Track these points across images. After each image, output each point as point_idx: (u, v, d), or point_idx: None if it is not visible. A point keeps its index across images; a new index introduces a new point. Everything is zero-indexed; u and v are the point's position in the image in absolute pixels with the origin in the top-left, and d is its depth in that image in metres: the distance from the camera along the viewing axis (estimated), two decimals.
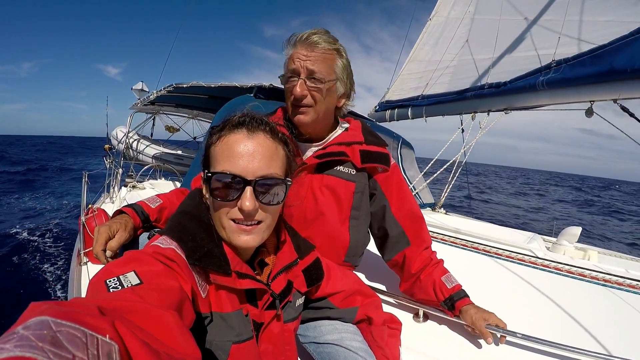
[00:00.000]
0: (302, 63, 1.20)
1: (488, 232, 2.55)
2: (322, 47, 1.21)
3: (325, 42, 1.21)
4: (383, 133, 3.22)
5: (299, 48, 1.21)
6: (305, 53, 1.20)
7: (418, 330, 1.38)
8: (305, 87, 1.21)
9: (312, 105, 1.24)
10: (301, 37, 1.21)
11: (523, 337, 1.25)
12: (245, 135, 0.84)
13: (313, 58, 1.20)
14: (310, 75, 1.20)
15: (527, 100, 3.20)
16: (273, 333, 0.93)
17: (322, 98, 1.24)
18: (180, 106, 6.85)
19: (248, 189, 0.81)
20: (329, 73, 1.22)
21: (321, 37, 1.21)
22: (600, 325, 1.45)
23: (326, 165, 1.32)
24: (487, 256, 2.09)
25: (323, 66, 1.21)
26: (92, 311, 0.46)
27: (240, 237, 0.84)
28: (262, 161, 0.83)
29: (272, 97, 2.71)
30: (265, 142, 0.86)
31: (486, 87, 3.54)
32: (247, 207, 0.81)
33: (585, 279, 1.87)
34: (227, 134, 0.85)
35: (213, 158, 0.85)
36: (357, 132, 1.38)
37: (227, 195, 0.82)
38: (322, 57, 1.21)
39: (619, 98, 2.58)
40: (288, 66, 1.23)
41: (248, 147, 0.83)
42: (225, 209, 0.83)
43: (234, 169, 0.81)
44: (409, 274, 1.43)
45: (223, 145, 0.84)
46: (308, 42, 1.20)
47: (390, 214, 1.42)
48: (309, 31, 1.22)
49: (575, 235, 2.36)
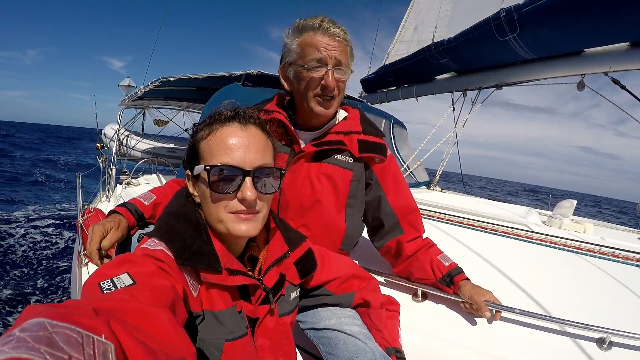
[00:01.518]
0: (330, 53, 1.19)
1: (484, 208, 2.56)
2: (342, 38, 1.22)
3: (342, 33, 1.22)
4: (374, 114, 3.20)
5: (321, 36, 1.19)
6: (332, 43, 1.19)
7: (417, 310, 1.40)
8: (334, 77, 1.21)
9: (336, 96, 1.25)
10: (320, 26, 1.19)
11: (521, 312, 1.26)
12: (238, 127, 0.86)
13: (338, 48, 1.20)
14: (337, 65, 1.21)
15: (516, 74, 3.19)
16: (268, 328, 0.93)
17: (344, 89, 1.27)
18: (169, 99, 6.79)
19: (247, 179, 0.84)
20: (347, 63, 1.24)
21: (339, 27, 1.21)
22: (597, 298, 1.47)
23: (324, 154, 1.33)
24: (483, 232, 2.10)
25: (345, 57, 1.23)
26: (87, 312, 0.47)
27: (241, 226, 0.85)
28: (257, 152, 0.86)
29: (260, 84, 2.69)
30: (257, 133, 0.89)
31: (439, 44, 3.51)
32: (250, 197, 0.83)
33: (581, 252, 1.88)
34: (218, 127, 0.86)
35: (206, 153, 0.86)
36: (356, 121, 1.39)
37: (227, 188, 0.83)
38: (343, 47, 1.23)
39: (610, 70, 2.57)
40: (308, 54, 1.20)
41: (243, 139, 0.85)
42: (224, 203, 0.84)
43: (232, 160, 0.83)
44: (404, 256, 1.44)
45: (217, 139, 0.85)
46: (330, 32, 1.20)
47: (385, 204, 1.43)
48: (323, 19, 1.21)
49: (570, 207, 2.37)
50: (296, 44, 1.23)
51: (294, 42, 1.23)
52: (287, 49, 1.26)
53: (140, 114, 8.18)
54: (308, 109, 1.28)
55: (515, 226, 2.24)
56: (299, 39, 1.22)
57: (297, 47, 1.23)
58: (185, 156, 0.94)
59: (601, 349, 1.20)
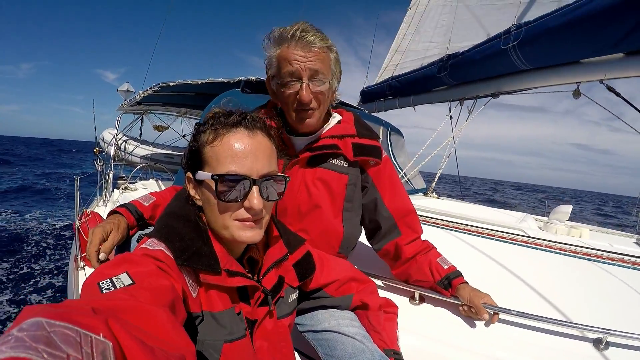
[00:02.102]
0: (303, 65, 1.15)
1: (480, 214, 2.57)
2: (318, 46, 1.16)
3: (319, 40, 1.16)
4: (372, 121, 3.22)
5: (293, 48, 1.15)
6: (303, 54, 1.14)
7: (414, 313, 1.40)
8: (309, 90, 1.17)
9: (316, 108, 1.23)
10: (293, 36, 1.14)
11: (518, 314, 1.27)
12: (245, 134, 0.84)
13: (312, 58, 1.15)
14: (313, 77, 1.17)
15: (513, 83, 3.22)
16: (267, 330, 0.93)
17: (325, 99, 1.23)
18: (167, 105, 6.79)
19: (255, 188, 0.83)
20: (328, 71, 1.20)
21: (315, 35, 1.16)
22: (594, 299, 1.49)
23: (319, 158, 1.32)
24: (479, 237, 2.11)
25: (322, 65, 1.18)
26: (86, 311, 0.47)
27: (246, 232, 0.85)
28: (264, 160, 0.85)
29: (259, 91, 2.70)
30: (264, 140, 0.87)
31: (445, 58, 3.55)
32: (257, 206, 0.82)
33: (577, 256, 1.90)
34: (225, 133, 0.84)
35: (212, 159, 0.83)
36: (350, 124, 1.38)
37: (234, 196, 0.82)
38: (320, 56, 1.17)
39: (605, 78, 2.60)
40: (282, 68, 1.18)
41: (250, 146, 0.84)
42: (230, 211, 0.84)
43: (240, 169, 0.82)
44: (403, 259, 1.44)
45: (223, 145, 0.83)
46: (303, 42, 1.14)
47: (382, 206, 1.43)
48: (297, 28, 1.15)
49: (566, 213, 2.39)
50: (274, 58, 1.20)
51: (272, 55, 1.21)
52: (268, 61, 1.24)
53: (139, 119, 8.18)
54: (291, 121, 1.28)
55: (511, 231, 2.25)
56: (277, 51, 1.19)
57: (275, 60, 1.20)
58: (185, 157, 0.92)
59: (598, 350, 1.21)
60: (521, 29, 2.85)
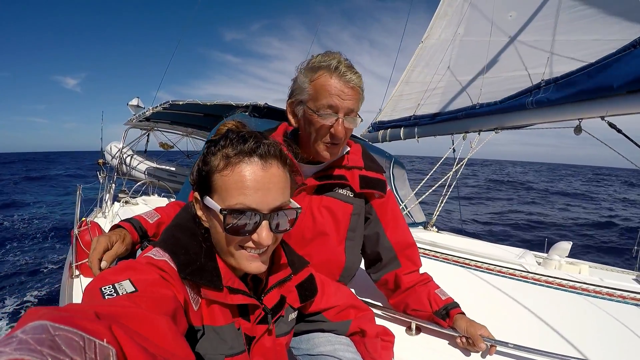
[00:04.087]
0: (343, 102, 1.16)
1: (480, 249, 2.57)
2: (357, 87, 1.19)
3: (358, 79, 1.18)
4: (375, 153, 3.26)
5: (336, 81, 1.15)
6: (346, 91, 1.16)
7: (411, 343, 1.38)
8: (344, 126, 1.19)
9: (342, 142, 1.25)
10: (337, 69, 1.15)
11: (515, 347, 1.26)
12: (259, 166, 0.78)
13: (352, 97, 1.18)
14: (348, 114, 1.19)
15: (517, 119, 3.27)
16: (265, 347, 0.92)
17: (349, 134, 1.26)
18: (175, 123, 6.89)
19: (264, 223, 0.79)
20: (358, 110, 1.23)
21: (356, 74, 1.18)
22: (593, 335, 1.47)
23: (325, 187, 1.34)
24: (478, 271, 2.10)
25: (357, 105, 1.21)
26: (90, 316, 0.47)
27: (252, 264, 0.83)
28: (277, 192, 0.80)
29: (266, 116, 2.76)
30: (279, 172, 0.82)
31: (477, 107, 3.60)
32: (266, 242, 0.79)
33: (575, 291, 1.89)
34: (237, 162, 0.78)
35: (221, 188, 0.79)
36: (358, 156, 1.40)
37: (242, 230, 0.79)
38: (356, 95, 1.19)
39: (607, 115, 2.64)
40: (320, 97, 1.17)
41: (264, 179, 0.78)
42: (238, 242, 0.81)
43: (250, 203, 0.77)
44: (402, 288, 1.44)
45: (235, 175, 0.77)
46: (346, 78, 1.16)
47: (384, 238, 1.44)
48: (340, 61, 1.17)
49: (566, 249, 2.38)
50: (309, 84, 1.19)
51: (307, 80, 1.20)
52: (299, 85, 1.23)
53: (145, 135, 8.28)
54: (314, 151, 1.26)
55: (510, 266, 2.24)
56: (313, 78, 1.18)
57: (310, 87, 1.19)
58: (194, 175, 0.87)
59: None
60: (550, 85, 2.94)
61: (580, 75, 2.70)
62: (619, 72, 2.42)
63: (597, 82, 2.55)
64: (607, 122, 2.71)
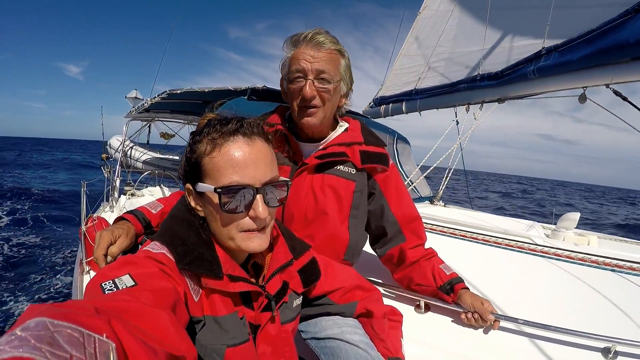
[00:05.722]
0: (310, 64, 1.20)
1: (487, 223, 2.55)
2: (328, 47, 1.21)
3: (330, 42, 1.22)
4: (378, 129, 3.22)
5: (304, 48, 1.21)
6: (312, 53, 1.20)
7: (419, 322, 1.39)
8: (314, 87, 1.21)
9: (320, 106, 1.25)
10: (305, 37, 1.21)
11: (525, 322, 1.25)
12: (244, 142, 0.82)
13: (320, 58, 1.20)
14: (319, 75, 1.21)
15: (521, 89, 3.20)
16: (270, 335, 0.92)
17: (330, 99, 1.25)
18: (175, 112, 6.86)
19: (259, 197, 0.82)
20: (335, 73, 1.24)
21: (326, 37, 1.22)
22: (602, 308, 1.46)
23: (326, 165, 1.33)
24: (486, 245, 2.09)
25: (330, 66, 1.22)
26: (89, 311, 0.47)
27: (253, 242, 0.84)
28: (265, 166, 0.83)
29: (265, 99, 2.72)
30: (264, 147, 0.85)
31: (478, 79, 3.53)
32: (262, 215, 0.81)
33: (585, 264, 1.87)
34: (223, 142, 0.81)
35: (213, 170, 0.81)
36: (357, 132, 1.40)
37: (238, 207, 0.80)
38: (328, 57, 1.22)
39: (611, 82, 2.58)
40: (291, 66, 1.23)
41: (251, 154, 0.81)
42: (235, 222, 0.82)
43: (242, 179, 0.80)
44: (407, 263, 1.45)
45: (223, 155, 0.80)
46: (314, 42, 1.20)
47: (388, 213, 1.43)
48: (312, 31, 1.22)
49: (574, 220, 2.36)
50: (287, 59, 1.26)
51: (287, 56, 1.26)
52: (283, 62, 1.29)
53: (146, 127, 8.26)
54: (297, 120, 1.29)
55: (518, 239, 2.23)
56: (291, 53, 1.24)
57: (287, 61, 1.26)
58: (182, 169, 0.89)
59: (607, 359, 1.19)
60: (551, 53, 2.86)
61: (581, 42, 2.63)
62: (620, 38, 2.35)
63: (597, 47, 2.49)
64: (612, 89, 2.65)
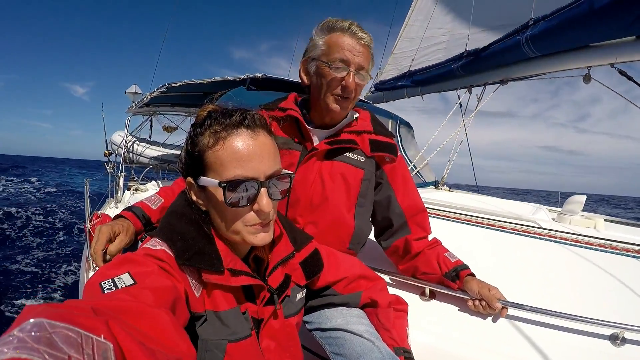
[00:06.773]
0: (354, 56, 1.22)
1: (492, 207, 2.53)
2: (367, 44, 1.25)
3: (369, 40, 1.26)
4: (380, 114, 3.19)
5: (348, 38, 1.23)
6: (358, 48, 1.23)
7: (425, 309, 1.38)
8: (354, 80, 1.24)
9: (352, 98, 1.28)
10: (349, 28, 1.23)
11: (531, 309, 1.24)
12: (248, 135, 0.81)
13: (362, 53, 1.24)
14: (359, 70, 1.24)
15: (523, 69, 3.16)
16: (274, 329, 0.92)
17: (359, 92, 1.30)
18: (175, 105, 6.84)
19: (263, 190, 0.81)
20: (369, 69, 1.28)
21: (365, 33, 1.25)
22: (610, 294, 1.44)
23: (336, 152, 1.34)
24: (492, 230, 2.08)
25: (367, 63, 1.27)
26: (87, 312, 0.47)
27: (258, 235, 0.84)
28: (269, 159, 0.83)
29: (265, 88, 2.70)
30: (267, 140, 0.84)
31: (465, 55, 3.50)
32: (267, 208, 0.81)
33: (592, 247, 1.85)
34: (226, 136, 0.80)
35: (216, 164, 0.80)
36: (367, 121, 1.42)
37: (242, 201, 0.80)
38: (367, 53, 1.26)
39: (616, 62, 2.54)
40: (333, 52, 1.23)
41: (255, 148, 0.80)
42: (239, 216, 0.82)
43: (247, 172, 0.79)
44: (413, 253, 1.44)
45: (227, 149, 0.79)
46: (357, 36, 1.23)
47: (395, 204, 1.44)
48: (353, 24, 1.24)
49: (580, 203, 2.32)
50: (323, 41, 1.26)
51: (321, 38, 1.26)
52: (313, 43, 1.29)
53: (148, 121, 8.24)
54: (324, 104, 1.29)
55: (524, 223, 2.21)
56: (327, 36, 1.25)
57: (323, 44, 1.26)
58: (183, 162, 0.88)
59: (614, 345, 1.17)
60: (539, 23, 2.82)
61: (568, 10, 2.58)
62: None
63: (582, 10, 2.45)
64: (617, 69, 2.61)
